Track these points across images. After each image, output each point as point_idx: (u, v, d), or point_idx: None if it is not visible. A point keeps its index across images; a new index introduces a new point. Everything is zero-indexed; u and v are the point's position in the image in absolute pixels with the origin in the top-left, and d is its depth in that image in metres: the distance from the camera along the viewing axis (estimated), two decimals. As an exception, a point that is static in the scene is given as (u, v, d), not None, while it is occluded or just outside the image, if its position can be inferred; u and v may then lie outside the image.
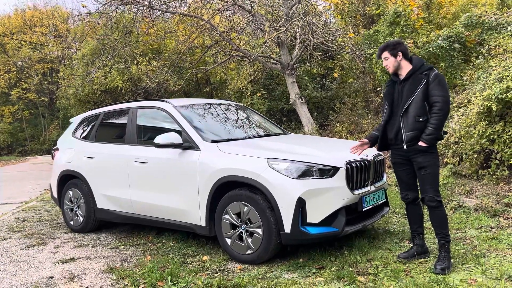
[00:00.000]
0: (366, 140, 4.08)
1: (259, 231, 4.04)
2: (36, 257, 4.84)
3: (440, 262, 3.67)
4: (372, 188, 4.36)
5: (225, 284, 3.63)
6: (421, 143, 3.68)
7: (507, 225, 4.88)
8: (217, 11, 11.37)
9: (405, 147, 3.77)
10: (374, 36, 10.14)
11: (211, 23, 11.08)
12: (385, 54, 3.89)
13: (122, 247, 5.08)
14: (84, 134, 6.09)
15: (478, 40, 8.86)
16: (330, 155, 4.24)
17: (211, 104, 5.75)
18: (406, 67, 3.85)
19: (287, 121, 13.47)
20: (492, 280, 3.41)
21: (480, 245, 4.23)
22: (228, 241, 4.29)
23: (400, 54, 3.84)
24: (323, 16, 13.66)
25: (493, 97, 5.74)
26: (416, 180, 3.94)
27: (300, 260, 4.15)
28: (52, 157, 6.49)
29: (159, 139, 4.62)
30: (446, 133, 3.95)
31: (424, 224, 4.10)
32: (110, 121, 5.94)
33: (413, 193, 3.98)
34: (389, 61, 3.88)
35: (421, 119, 3.69)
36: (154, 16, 11.45)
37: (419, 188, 3.90)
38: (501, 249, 4.11)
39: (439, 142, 4.33)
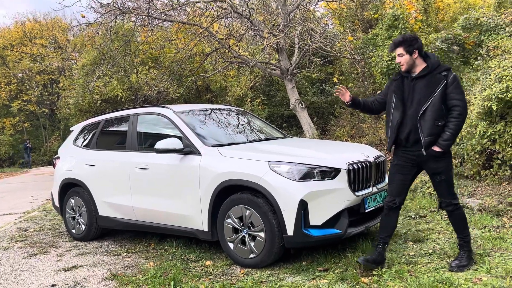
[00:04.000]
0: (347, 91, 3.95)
1: (262, 234, 4.02)
2: (38, 266, 4.82)
3: (456, 261, 3.66)
4: (374, 189, 4.34)
5: (229, 288, 3.61)
6: (436, 149, 3.51)
7: (510, 224, 4.85)
8: (215, 19, 11.43)
9: (424, 153, 3.56)
10: (373, 40, 10.20)
11: (210, 31, 11.13)
12: (400, 50, 3.62)
13: (125, 254, 5.06)
14: (85, 142, 6.09)
15: (477, 42, 8.88)
16: (331, 156, 4.22)
17: (211, 109, 5.76)
18: (420, 65, 3.63)
19: (287, 126, 13.46)
20: (497, 278, 3.39)
21: (484, 244, 4.21)
22: (231, 245, 4.27)
23: (416, 51, 3.60)
24: (322, 22, 13.72)
25: (493, 97, 5.74)
26: (409, 185, 3.81)
27: (304, 263, 4.12)
28: (54, 166, 6.49)
29: (160, 144, 4.62)
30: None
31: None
32: (111, 128, 5.95)
33: (401, 199, 3.77)
34: (403, 59, 3.62)
35: (439, 123, 3.50)
36: (153, 25, 11.50)
37: (437, 193, 3.80)
38: (506, 248, 4.08)
39: None
